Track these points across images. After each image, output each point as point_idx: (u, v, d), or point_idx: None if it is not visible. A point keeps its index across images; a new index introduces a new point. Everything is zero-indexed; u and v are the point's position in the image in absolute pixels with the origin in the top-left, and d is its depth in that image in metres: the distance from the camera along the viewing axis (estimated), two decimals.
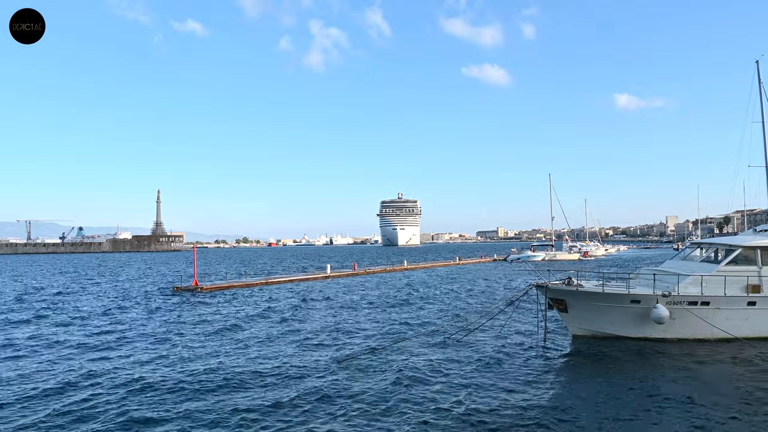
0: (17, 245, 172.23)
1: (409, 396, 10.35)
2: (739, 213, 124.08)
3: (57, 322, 20.78)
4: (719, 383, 11.15)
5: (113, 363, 13.48)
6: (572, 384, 11.43)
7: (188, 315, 22.25)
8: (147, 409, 9.73)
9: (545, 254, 69.94)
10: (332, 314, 21.96)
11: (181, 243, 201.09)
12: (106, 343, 16.13)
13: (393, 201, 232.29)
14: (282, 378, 11.79)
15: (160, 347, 15.38)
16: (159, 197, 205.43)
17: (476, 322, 18.49)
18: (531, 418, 9.03)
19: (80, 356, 14.37)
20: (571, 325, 16.13)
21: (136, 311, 23.83)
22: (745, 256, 15.39)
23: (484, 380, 11.47)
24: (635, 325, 15.08)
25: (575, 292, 15.32)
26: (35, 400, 10.38)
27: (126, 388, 11.10)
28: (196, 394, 10.66)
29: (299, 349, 15.00)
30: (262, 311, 23.09)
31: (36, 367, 13.13)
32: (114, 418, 9.22)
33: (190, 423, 8.96)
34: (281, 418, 9.22)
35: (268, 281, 37.77)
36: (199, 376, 11.97)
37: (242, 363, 13.28)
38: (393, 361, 13.21)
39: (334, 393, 10.59)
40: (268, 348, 15.16)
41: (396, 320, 20.26)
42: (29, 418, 9.26)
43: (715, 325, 14.62)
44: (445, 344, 15.34)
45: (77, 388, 11.21)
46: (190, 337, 16.91)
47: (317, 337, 16.76)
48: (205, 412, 9.50)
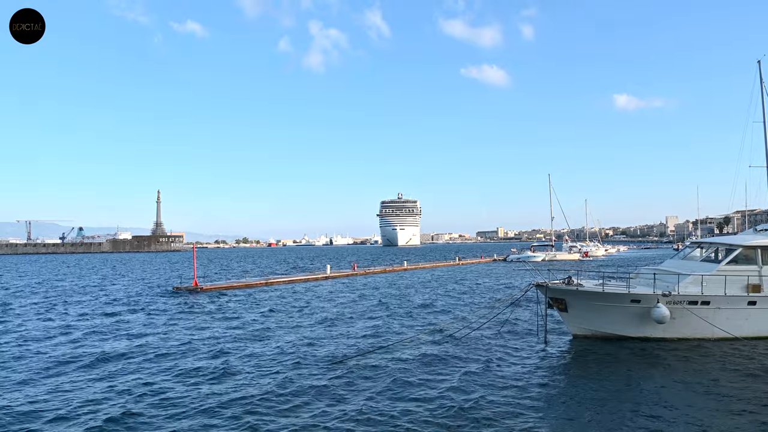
0: (17, 245, 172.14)
1: (407, 396, 10.34)
2: (739, 213, 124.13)
3: (55, 321, 20.76)
4: (720, 383, 11.13)
5: (111, 363, 13.46)
6: (572, 383, 11.42)
7: (187, 315, 22.24)
8: (145, 409, 9.72)
9: (545, 254, 69.96)
10: (332, 314, 21.94)
11: (180, 243, 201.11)
12: (104, 343, 16.12)
13: (393, 201, 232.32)
14: (281, 378, 11.77)
15: (160, 347, 15.36)
16: (159, 197, 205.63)
17: (476, 321, 18.48)
18: (531, 418, 9.02)
19: (79, 356, 14.35)
20: (571, 324, 16.13)
21: (135, 311, 23.80)
22: (746, 255, 15.38)
23: (484, 380, 11.46)
24: (635, 325, 15.07)
25: (575, 291, 15.32)
26: (30, 402, 10.38)
27: (124, 388, 11.09)
28: (195, 393, 10.65)
29: (299, 349, 14.99)
30: (261, 312, 23.08)
31: (28, 376, 13.11)
32: (113, 418, 9.21)
33: (187, 422, 8.95)
34: (279, 418, 9.21)
35: (268, 282, 37.75)
36: (197, 376, 11.97)
37: (242, 363, 13.28)
38: (392, 362, 13.20)
39: (333, 393, 10.58)
40: (268, 348, 15.15)
41: (395, 320, 20.25)
42: (20, 417, 9.26)
43: (715, 325, 14.62)
44: (445, 344, 15.33)
45: (76, 387, 11.21)
46: (189, 338, 16.89)
47: (317, 337, 16.75)
48: (203, 411, 9.49)
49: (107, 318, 21.74)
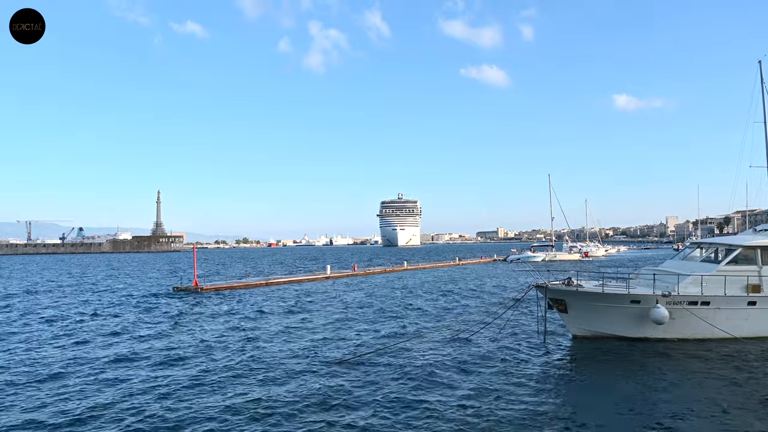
0: (17, 246, 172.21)
1: (408, 396, 10.34)
2: (739, 213, 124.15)
3: (54, 321, 20.77)
4: (719, 383, 11.13)
5: (111, 363, 13.47)
6: (572, 384, 11.43)
7: (188, 315, 22.25)
8: (144, 408, 9.72)
9: (545, 255, 69.95)
10: (332, 315, 21.95)
11: (181, 243, 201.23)
12: (105, 343, 16.12)
13: (393, 201, 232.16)
14: (282, 379, 11.78)
15: (159, 347, 15.36)
16: (159, 198, 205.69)
17: (476, 322, 18.49)
18: (530, 418, 9.02)
19: (78, 356, 14.36)
20: (571, 325, 16.13)
21: (135, 311, 23.81)
22: (745, 255, 15.39)
23: (484, 380, 11.45)
24: (635, 326, 15.07)
25: (575, 292, 15.32)
26: (30, 403, 10.38)
27: (124, 388, 11.10)
28: (194, 393, 10.65)
29: (299, 349, 14.99)
30: (262, 312, 23.08)
31: (25, 378, 13.11)
32: (112, 418, 9.22)
33: (186, 422, 8.95)
34: (280, 418, 9.21)
35: (269, 282, 37.75)
36: (196, 377, 11.97)
37: (242, 363, 13.27)
38: (392, 362, 13.21)
39: (333, 394, 10.58)
40: (268, 348, 15.15)
41: (395, 321, 20.25)
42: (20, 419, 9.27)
43: (715, 325, 14.62)
44: (445, 345, 15.33)
45: (75, 388, 11.21)
46: (188, 338, 16.90)
47: (317, 338, 16.75)
48: (201, 410, 9.49)
49: (107, 318, 21.74)
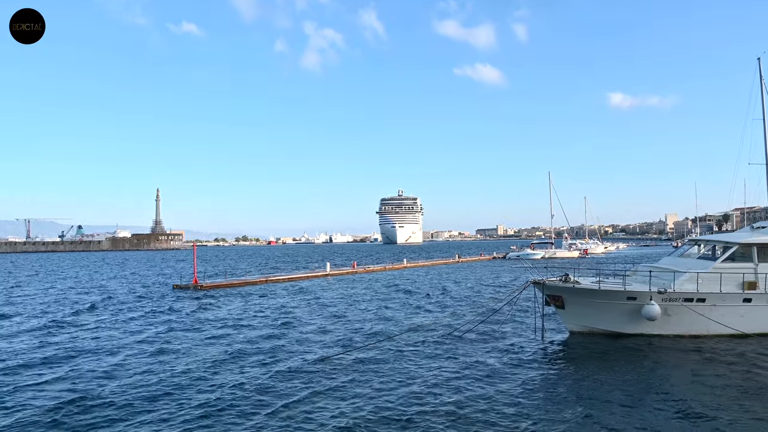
0: (16, 244, 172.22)
1: (405, 393, 10.44)
2: (738, 211, 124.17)
3: (53, 319, 20.86)
4: (714, 379, 11.24)
5: (111, 361, 13.56)
6: (569, 380, 11.53)
7: (187, 313, 22.34)
8: (143, 408, 9.82)
9: (545, 252, 70.11)
10: (331, 312, 22.05)
11: (180, 241, 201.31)
12: (104, 341, 16.21)
13: (393, 198, 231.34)
14: (279, 375, 11.88)
15: (159, 345, 15.45)
16: (158, 196, 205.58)
17: (474, 318, 18.60)
18: (528, 414, 9.12)
19: (78, 353, 14.45)
20: (568, 321, 16.24)
21: (135, 309, 23.91)
22: (742, 253, 15.49)
23: (482, 376, 11.56)
24: (631, 322, 15.18)
25: (572, 288, 15.42)
26: (28, 400, 10.48)
27: (123, 387, 11.19)
28: (194, 391, 10.75)
29: (298, 346, 15.09)
30: (261, 309, 23.18)
31: (25, 374, 13.20)
32: (112, 417, 9.31)
33: (182, 420, 9.05)
34: (277, 415, 9.30)
35: (268, 279, 37.87)
36: (196, 374, 12.07)
37: (241, 362, 13.38)
38: (390, 359, 13.32)
39: (333, 392, 10.68)
40: (267, 345, 15.24)
41: (394, 318, 20.35)
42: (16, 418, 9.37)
43: (711, 321, 14.73)
44: (443, 341, 15.44)
45: (75, 385, 11.31)
46: (188, 335, 17.00)
47: (316, 335, 16.86)
48: (198, 408, 9.58)
49: (106, 316, 21.83)
